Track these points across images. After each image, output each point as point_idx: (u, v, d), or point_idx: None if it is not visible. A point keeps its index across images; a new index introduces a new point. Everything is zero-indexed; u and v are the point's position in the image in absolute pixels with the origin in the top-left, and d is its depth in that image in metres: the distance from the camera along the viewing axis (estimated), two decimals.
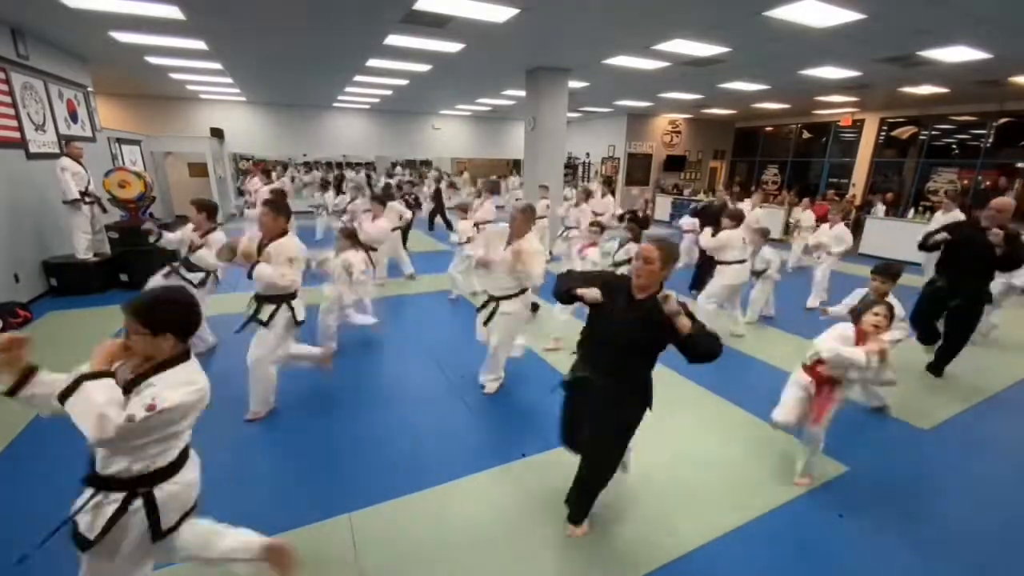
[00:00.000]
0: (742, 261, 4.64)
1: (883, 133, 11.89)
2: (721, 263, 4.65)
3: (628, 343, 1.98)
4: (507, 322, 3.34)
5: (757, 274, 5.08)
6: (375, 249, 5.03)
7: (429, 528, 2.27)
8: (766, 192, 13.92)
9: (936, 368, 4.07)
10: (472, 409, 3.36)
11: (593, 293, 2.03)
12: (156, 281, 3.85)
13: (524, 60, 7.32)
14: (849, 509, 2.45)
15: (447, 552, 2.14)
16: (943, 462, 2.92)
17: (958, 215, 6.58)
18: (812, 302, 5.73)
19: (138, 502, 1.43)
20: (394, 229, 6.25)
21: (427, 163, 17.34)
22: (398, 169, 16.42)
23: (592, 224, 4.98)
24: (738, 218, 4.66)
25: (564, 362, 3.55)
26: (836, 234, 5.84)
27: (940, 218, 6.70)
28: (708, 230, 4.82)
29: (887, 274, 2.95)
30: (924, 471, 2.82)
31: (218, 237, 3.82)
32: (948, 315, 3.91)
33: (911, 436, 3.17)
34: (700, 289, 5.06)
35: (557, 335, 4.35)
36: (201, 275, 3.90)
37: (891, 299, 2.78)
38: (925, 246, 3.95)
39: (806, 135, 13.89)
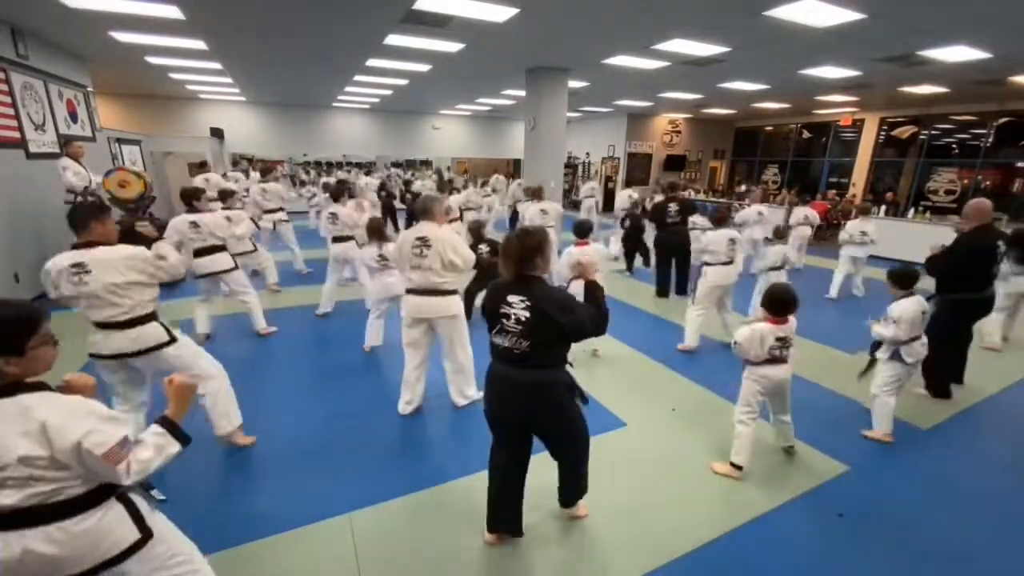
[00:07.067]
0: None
1: (883, 133, 11.89)
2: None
3: None
4: None
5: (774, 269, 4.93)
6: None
7: (429, 528, 2.28)
8: (766, 192, 13.94)
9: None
10: (471, 409, 3.36)
11: None
12: None
13: (524, 60, 7.32)
14: (849, 509, 2.45)
15: (447, 552, 2.14)
16: (943, 462, 2.92)
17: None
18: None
19: None
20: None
21: (427, 163, 17.34)
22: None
23: None
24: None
25: None
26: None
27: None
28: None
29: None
30: (923, 471, 2.82)
31: None
32: None
33: (911, 436, 3.16)
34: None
35: None
36: None
37: None
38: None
39: (806, 135, 13.89)
